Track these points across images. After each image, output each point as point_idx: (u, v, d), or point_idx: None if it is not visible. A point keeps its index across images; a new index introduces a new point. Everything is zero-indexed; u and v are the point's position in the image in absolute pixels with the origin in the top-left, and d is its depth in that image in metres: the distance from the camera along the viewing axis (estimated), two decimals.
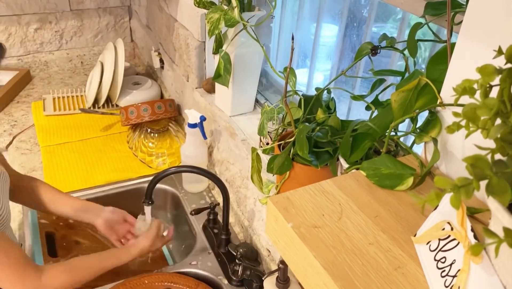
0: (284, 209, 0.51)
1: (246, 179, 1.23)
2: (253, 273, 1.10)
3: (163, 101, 1.63)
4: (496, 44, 0.37)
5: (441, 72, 0.57)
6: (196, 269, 1.18)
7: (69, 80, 2.10)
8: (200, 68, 1.43)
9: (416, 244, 0.46)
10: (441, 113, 0.57)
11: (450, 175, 0.57)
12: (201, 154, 1.39)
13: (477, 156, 0.34)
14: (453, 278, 0.40)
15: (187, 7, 1.40)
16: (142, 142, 1.59)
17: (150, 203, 1.14)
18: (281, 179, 0.84)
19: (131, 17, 2.26)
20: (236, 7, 1.00)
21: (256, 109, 1.32)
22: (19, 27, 2.02)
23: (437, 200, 0.35)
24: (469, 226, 0.39)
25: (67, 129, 1.72)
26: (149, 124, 1.61)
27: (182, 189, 1.46)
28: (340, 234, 0.48)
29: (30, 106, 1.84)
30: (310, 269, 0.46)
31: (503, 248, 0.33)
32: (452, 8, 0.61)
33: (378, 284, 0.43)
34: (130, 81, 1.88)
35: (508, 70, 0.36)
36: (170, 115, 1.63)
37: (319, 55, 1.14)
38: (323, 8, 1.06)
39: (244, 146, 1.18)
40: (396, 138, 0.68)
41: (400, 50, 0.74)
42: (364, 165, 0.59)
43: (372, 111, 0.75)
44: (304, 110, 0.88)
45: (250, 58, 1.19)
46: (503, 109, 0.36)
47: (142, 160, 1.57)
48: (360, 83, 0.99)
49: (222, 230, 1.22)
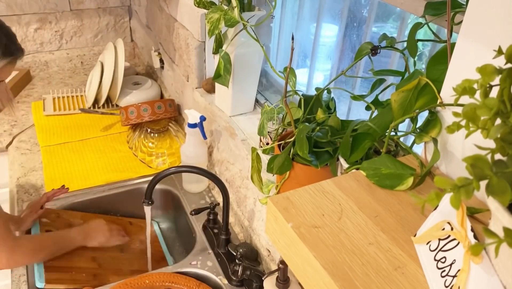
0: (284, 209, 0.51)
1: (246, 179, 1.23)
2: (253, 273, 1.10)
3: (163, 101, 1.63)
4: (496, 44, 0.37)
5: (441, 72, 0.57)
6: (196, 269, 1.18)
7: (69, 80, 2.10)
8: (200, 68, 1.43)
9: (416, 244, 0.46)
10: (441, 113, 0.57)
11: (450, 175, 0.57)
12: (201, 154, 1.39)
13: (477, 156, 0.34)
14: (453, 278, 0.40)
15: (187, 7, 1.40)
16: (142, 142, 1.59)
17: (150, 203, 1.14)
18: (281, 179, 0.84)
19: (131, 17, 2.26)
20: (236, 7, 1.00)
21: (256, 109, 1.32)
22: (19, 27, 2.02)
23: (437, 200, 0.35)
24: (469, 226, 0.39)
25: (67, 129, 1.72)
26: (149, 124, 1.61)
27: (182, 189, 1.46)
28: (340, 234, 0.48)
29: (30, 106, 1.84)
30: (310, 269, 0.46)
31: (503, 248, 0.33)
32: (452, 8, 0.61)
33: (378, 284, 0.43)
34: (130, 81, 1.88)
35: (508, 70, 0.36)
36: (170, 115, 1.63)
37: (319, 55, 1.14)
38: (323, 8, 1.06)
39: (244, 146, 1.18)
40: (396, 138, 0.68)
41: (400, 50, 0.74)
42: (364, 165, 0.59)
43: (372, 111, 0.75)
44: (304, 110, 0.88)
45: (250, 58, 1.19)
46: (503, 109, 0.36)
47: (142, 160, 1.57)
48: (360, 83, 0.99)
49: (222, 230, 1.22)
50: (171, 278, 1.12)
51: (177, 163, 1.55)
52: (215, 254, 1.22)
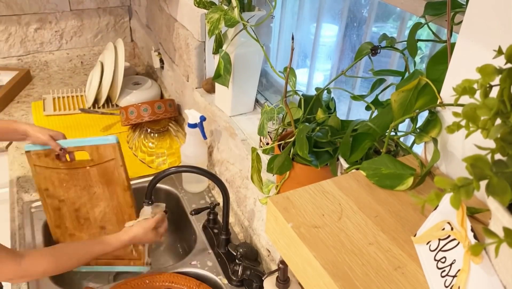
0: (284, 209, 0.51)
1: (246, 179, 1.23)
2: (253, 273, 1.10)
3: (163, 101, 1.63)
4: (496, 44, 0.37)
5: (441, 72, 0.57)
6: (196, 269, 1.18)
7: (69, 80, 2.10)
8: (200, 68, 1.43)
9: (416, 244, 0.46)
10: (441, 113, 0.57)
11: (450, 175, 0.57)
12: (201, 153, 1.39)
13: (477, 156, 0.34)
14: (453, 278, 0.40)
15: (187, 7, 1.40)
16: (142, 142, 1.59)
17: (150, 203, 1.14)
18: (281, 179, 0.84)
19: (131, 17, 2.26)
20: (236, 7, 1.00)
21: (256, 109, 1.32)
22: (19, 27, 2.02)
23: (437, 200, 0.35)
24: (469, 226, 0.39)
25: (67, 129, 1.72)
26: (149, 125, 1.61)
27: (182, 189, 1.46)
28: (340, 234, 0.48)
29: (30, 106, 1.84)
30: (310, 269, 0.46)
31: (503, 248, 0.33)
32: (452, 8, 0.61)
33: (378, 284, 0.43)
34: (130, 81, 1.88)
35: (508, 70, 0.36)
36: (170, 115, 1.63)
37: (319, 55, 1.14)
38: (323, 8, 1.06)
39: (244, 146, 1.18)
40: (396, 138, 0.68)
41: (400, 50, 0.74)
42: (364, 165, 0.59)
43: (372, 111, 0.75)
44: (304, 110, 0.88)
45: (250, 58, 1.19)
46: (503, 109, 0.36)
47: (142, 160, 1.57)
48: (360, 83, 0.99)
49: (222, 230, 1.22)
50: (171, 278, 1.12)
51: (177, 162, 1.55)
52: (215, 254, 1.22)
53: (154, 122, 1.62)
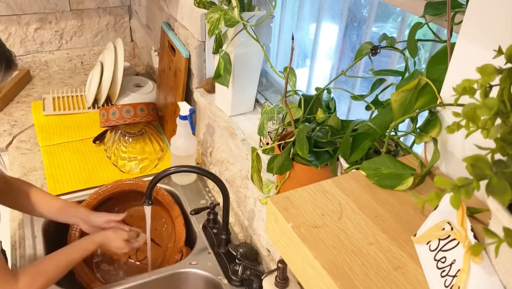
0: (284, 209, 0.51)
1: (246, 179, 1.23)
2: (253, 273, 1.10)
3: (146, 104, 1.60)
4: (496, 44, 0.37)
5: (441, 72, 0.57)
6: (196, 269, 1.18)
7: (69, 80, 2.10)
8: (200, 68, 1.43)
9: (416, 244, 0.46)
10: (441, 113, 0.57)
11: (450, 175, 0.57)
12: (190, 145, 1.40)
13: (477, 156, 0.34)
14: (453, 278, 0.40)
15: (187, 7, 1.40)
16: (116, 145, 1.56)
17: (150, 203, 1.14)
18: (281, 179, 0.84)
19: (131, 17, 2.26)
20: (236, 7, 1.00)
21: (256, 109, 1.32)
22: (19, 27, 2.02)
23: (437, 200, 0.35)
24: (469, 226, 0.39)
25: (67, 129, 1.72)
26: (125, 127, 1.57)
27: (182, 189, 1.46)
28: (340, 234, 0.48)
29: (30, 106, 1.84)
30: (310, 269, 0.46)
31: (503, 248, 0.33)
32: (452, 8, 0.61)
33: (378, 284, 0.43)
34: (130, 83, 1.88)
35: (508, 70, 0.36)
36: (152, 119, 1.60)
37: (319, 55, 1.14)
38: (323, 8, 1.06)
39: (244, 146, 1.18)
40: (396, 138, 0.68)
41: (400, 50, 0.74)
42: (364, 165, 0.59)
43: (372, 111, 0.75)
44: (304, 110, 0.88)
45: (250, 58, 1.19)
46: (503, 109, 0.36)
47: (114, 163, 1.54)
48: (360, 83, 0.99)
49: (222, 230, 1.22)
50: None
51: (151, 167, 1.53)
52: (215, 254, 1.22)
53: (131, 126, 1.58)
